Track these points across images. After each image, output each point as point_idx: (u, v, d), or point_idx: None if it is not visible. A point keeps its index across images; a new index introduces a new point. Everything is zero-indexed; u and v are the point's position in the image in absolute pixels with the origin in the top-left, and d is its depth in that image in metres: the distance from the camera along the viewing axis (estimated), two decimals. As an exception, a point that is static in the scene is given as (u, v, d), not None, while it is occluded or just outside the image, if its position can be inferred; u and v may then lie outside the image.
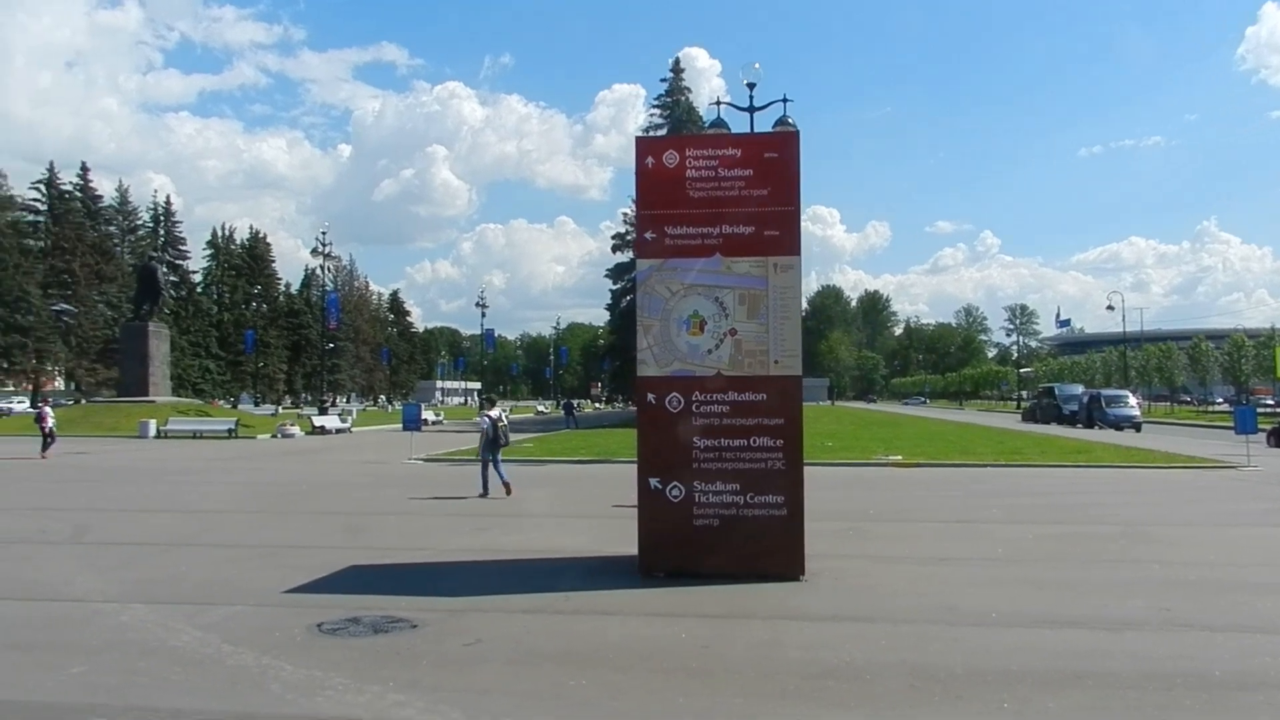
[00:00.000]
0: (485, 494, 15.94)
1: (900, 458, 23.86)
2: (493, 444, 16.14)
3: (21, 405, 74.25)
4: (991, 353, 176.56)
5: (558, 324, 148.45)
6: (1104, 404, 45.91)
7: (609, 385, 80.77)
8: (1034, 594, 8.33)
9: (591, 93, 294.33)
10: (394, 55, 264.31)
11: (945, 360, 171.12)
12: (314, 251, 58.60)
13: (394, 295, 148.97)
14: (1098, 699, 5.39)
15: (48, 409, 28.49)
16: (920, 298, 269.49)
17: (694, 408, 8.73)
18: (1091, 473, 21.09)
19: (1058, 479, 19.56)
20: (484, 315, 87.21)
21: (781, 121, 24.74)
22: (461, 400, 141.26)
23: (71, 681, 5.67)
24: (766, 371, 8.64)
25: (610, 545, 10.78)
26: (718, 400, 8.69)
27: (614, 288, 59.75)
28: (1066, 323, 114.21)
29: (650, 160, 9.02)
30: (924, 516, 13.81)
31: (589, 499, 16.30)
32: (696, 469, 8.73)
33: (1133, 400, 47.08)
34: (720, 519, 8.68)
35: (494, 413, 16.75)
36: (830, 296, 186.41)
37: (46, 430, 27.10)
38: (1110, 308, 76.12)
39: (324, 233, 57.31)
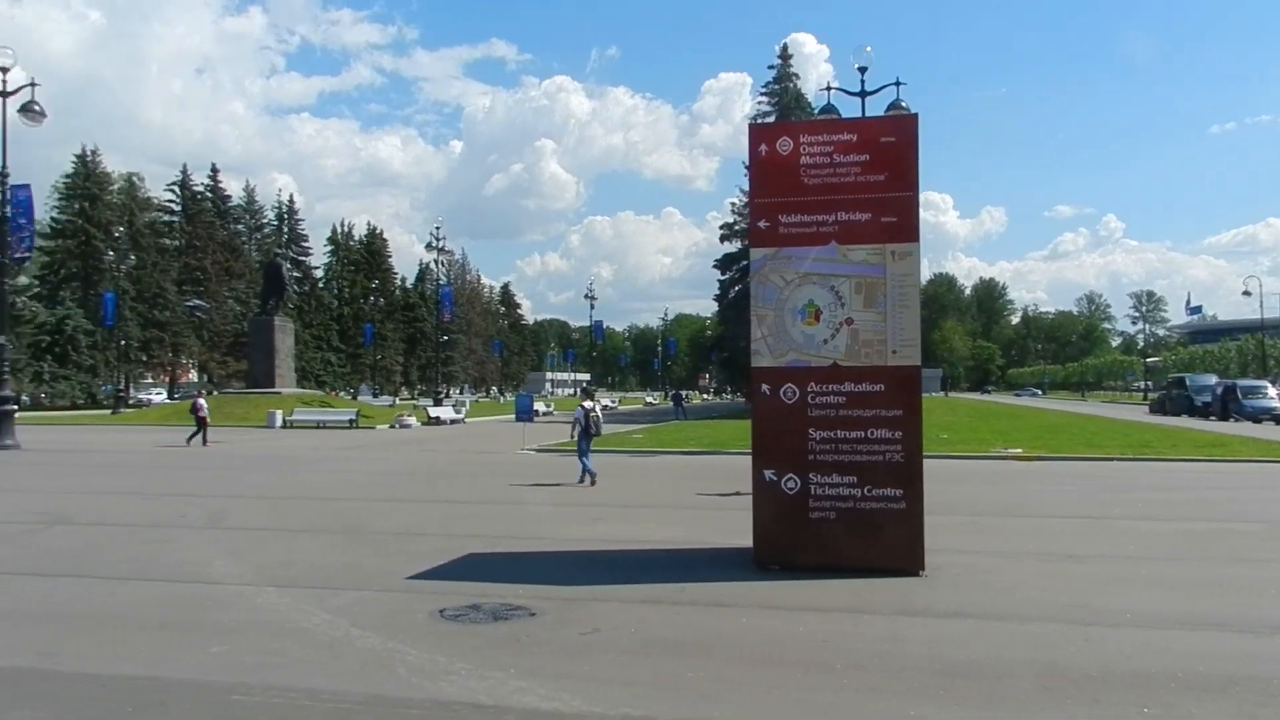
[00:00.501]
0: (584, 480, 16.58)
1: (1020, 451, 23.10)
2: (585, 433, 16.89)
3: (159, 396, 78.49)
4: (1115, 342, 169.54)
5: (665, 315, 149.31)
6: (1240, 395, 43.48)
7: (717, 376, 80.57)
8: (1170, 593, 7.95)
9: (698, 82, 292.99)
10: (503, 51, 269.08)
11: (1065, 350, 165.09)
12: (428, 246, 60.25)
13: (505, 288, 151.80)
14: (1247, 707, 5.09)
15: (202, 400, 30.16)
16: (1038, 285, 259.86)
17: (809, 399, 8.60)
18: (1228, 467, 20.03)
19: (1191, 474, 18.64)
20: (592, 307, 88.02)
21: (894, 106, 24.19)
22: (571, 392, 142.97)
23: (214, 660, 5.93)
24: (884, 362, 8.45)
25: (723, 537, 10.75)
26: (834, 391, 8.55)
27: (722, 278, 59.56)
28: (1198, 309, 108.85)
29: (763, 148, 8.91)
30: (1048, 511, 13.34)
31: (699, 489, 16.26)
32: (812, 461, 8.60)
33: (1272, 391, 44.39)
34: (837, 512, 8.54)
35: (588, 404, 17.49)
36: (943, 285, 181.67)
37: (201, 419, 28.65)
38: (1247, 293, 72.17)
39: (438, 227, 58.91)
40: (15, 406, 29.84)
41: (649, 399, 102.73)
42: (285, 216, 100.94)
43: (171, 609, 7.40)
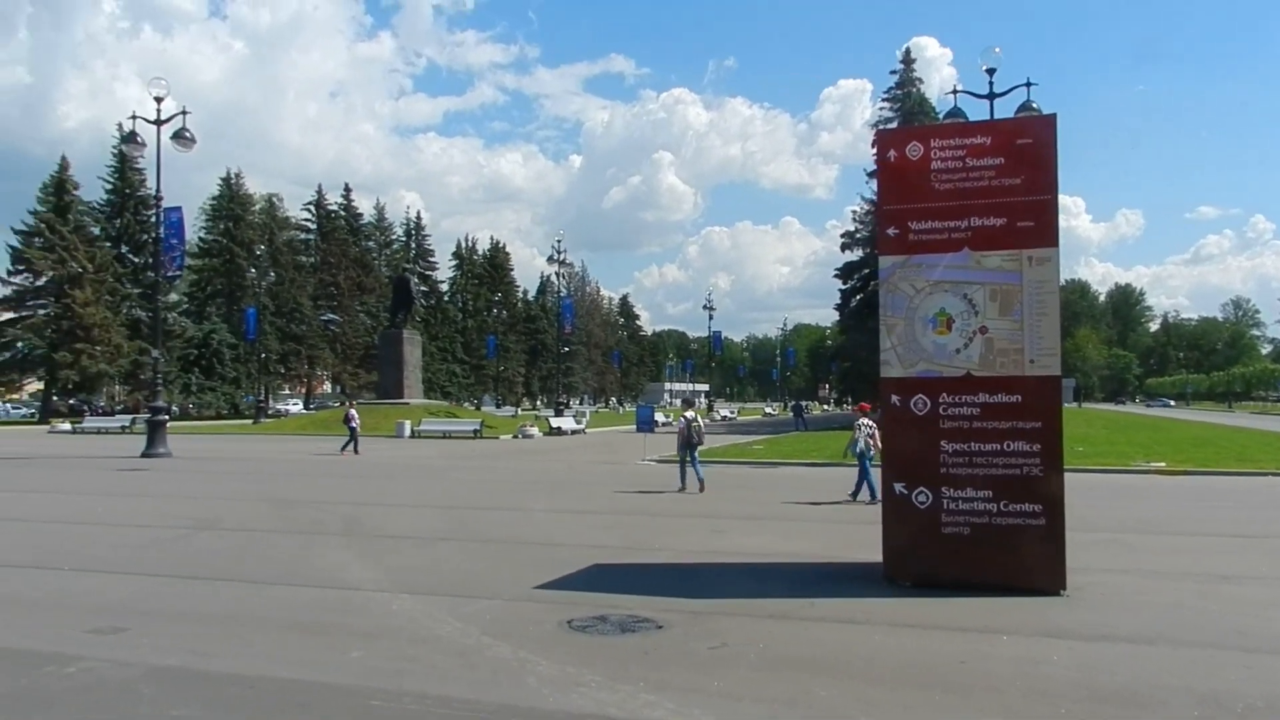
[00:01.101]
0: (683, 489, 17.13)
1: (1164, 465, 21.93)
2: (687, 443, 17.37)
3: (296, 407, 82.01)
4: (1266, 349, 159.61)
5: (784, 325, 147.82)
6: None
7: (838, 386, 79.22)
8: (1343, 621, 7.38)
9: (816, 90, 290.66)
10: (622, 66, 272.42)
11: (1210, 359, 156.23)
12: (549, 259, 61.10)
13: (624, 299, 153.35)
14: None
15: (354, 411, 31.51)
16: (1179, 290, 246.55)
17: (941, 410, 8.34)
18: (1401, 484, 18.56)
19: (1359, 490, 17.33)
20: (711, 318, 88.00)
21: (1024, 107, 23.37)
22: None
23: (352, 665, 6.10)
24: (1021, 371, 8.13)
25: (851, 551, 10.54)
26: (968, 402, 8.26)
27: (843, 287, 58.58)
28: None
29: (892, 154, 8.70)
30: (1197, 529, 12.61)
31: (829, 504, 15.99)
32: (945, 474, 8.33)
33: None
34: (971, 527, 8.25)
35: (689, 414, 17.96)
36: (1076, 291, 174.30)
37: (353, 429, 29.95)
38: None
39: (559, 241, 59.68)
40: (168, 417, 31.62)
41: (768, 409, 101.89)
42: (413, 233, 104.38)
43: (312, 613, 7.66)
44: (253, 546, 11.42)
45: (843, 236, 59.18)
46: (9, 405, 75.56)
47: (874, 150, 54.93)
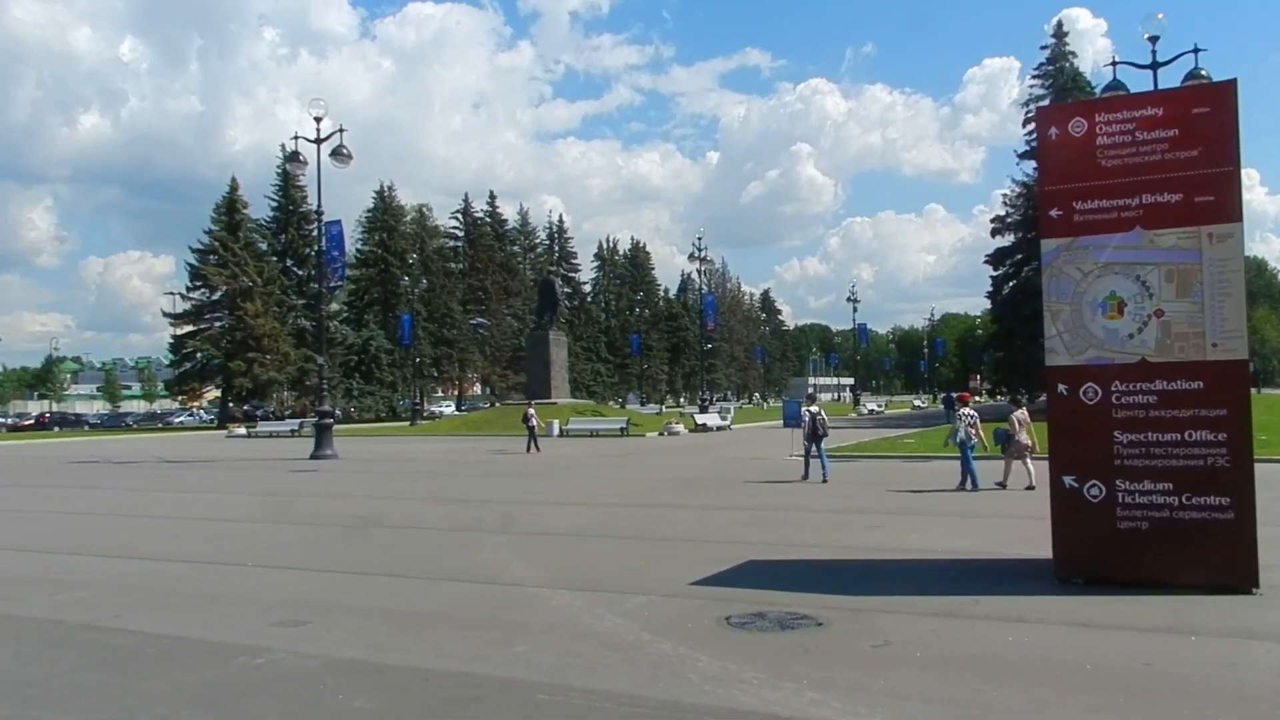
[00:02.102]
0: (805, 478, 18.15)
1: (1363, 453, 20.19)
2: (812, 435, 18.31)
3: (449, 409, 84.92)
4: None
5: (931, 315, 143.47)
6: None
7: (990, 377, 76.38)
8: None
9: (959, 72, 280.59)
10: (757, 59, 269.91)
11: None
12: (690, 256, 61.38)
13: (765, 295, 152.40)
14: None
15: (532, 410, 32.75)
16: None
17: (1114, 399, 7.90)
18: None
19: None
20: (855, 310, 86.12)
21: (1193, 75, 21.89)
22: (834, 396, 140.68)
23: (518, 659, 6.25)
24: (1203, 356, 7.61)
25: (1016, 546, 10.15)
26: (1143, 390, 7.80)
27: (994, 274, 56.38)
28: None
29: (1053, 131, 8.30)
30: None
31: (984, 497, 15.44)
32: (1119, 466, 7.89)
33: None
34: (1150, 522, 7.79)
35: (813, 408, 19.01)
36: (1252, 269, 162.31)
37: (532, 428, 31.21)
38: None
39: (699, 238, 59.79)
40: (333, 420, 33.25)
41: (917, 402, 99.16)
42: (555, 236, 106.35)
43: (478, 608, 7.89)
44: (418, 543, 11.87)
45: (992, 221, 56.97)
46: (193, 411, 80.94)
47: (1024, 131, 52.84)
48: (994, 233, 56.52)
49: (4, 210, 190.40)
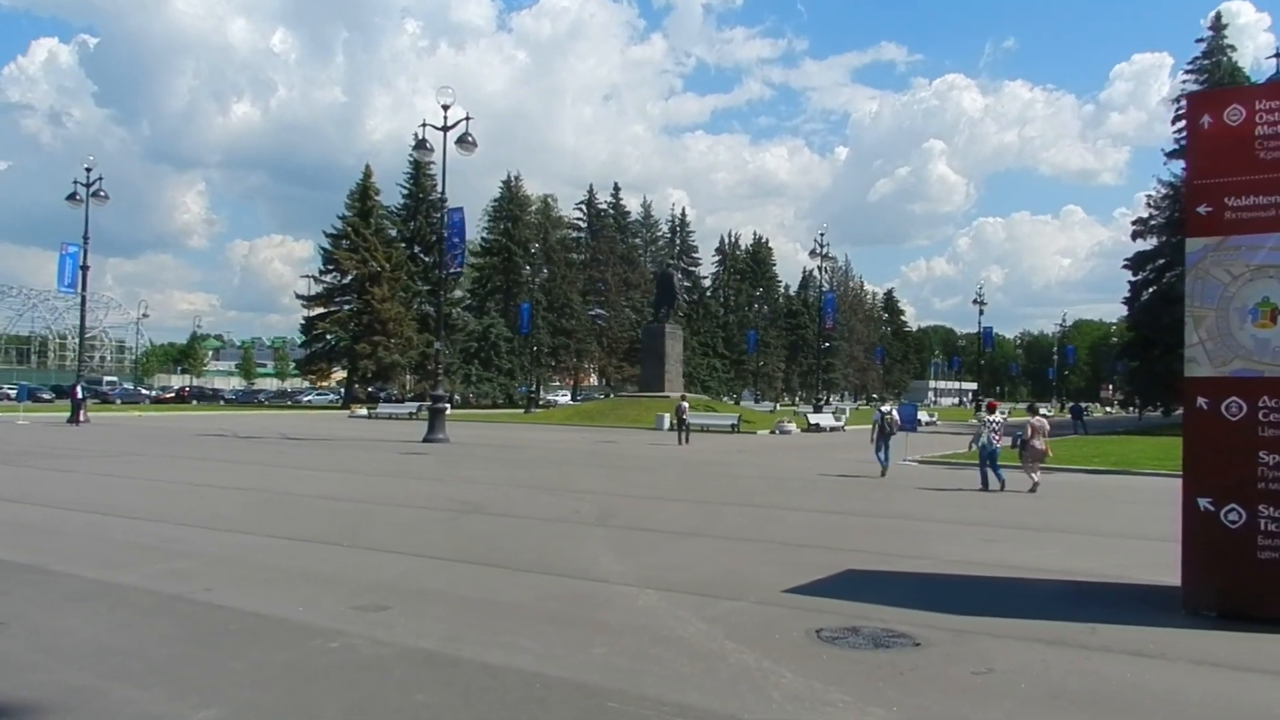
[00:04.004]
0: (884, 473, 20.07)
1: None
2: (882, 433, 20.64)
3: (564, 398, 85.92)
4: None
5: (1063, 321, 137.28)
6: None
7: (1124, 386, 72.78)
8: None
9: (1105, 68, 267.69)
10: (893, 54, 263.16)
11: None
12: (812, 253, 60.08)
13: (888, 294, 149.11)
14: None
15: (685, 403, 33.83)
16: None
17: (1261, 415, 7.14)
18: None
19: None
20: (981, 313, 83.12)
21: (1366, 67, 20.11)
22: (955, 401, 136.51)
23: (594, 662, 6.00)
24: (1369, 372, 6.80)
25: (1139, 570, 9.41)
26: (1295, 408, 7.02)
27: (1133, 279, 53.66)
28: None
29: (1205, 119, 7.54)
30: None
31: (1109, 515, 14.50)
32: (1263, 490, 7.13)
33: None
34: (1296, 554, 7.02)
35: (885, 408, 22.21)
36: None
37: (682, 420, 32.39)
38: None
39: (821, 234, 58.50)
40: (448, 405, 33.86)
41: (1043, 410, 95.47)
42: (677, 229, 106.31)
43: (561, 604, 7.68)
44: (512, 532, 11.79)
45: (1134, 224, 54.20)
46: (322, 391, 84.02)
47: (1174, 129, 49.94)
48: (1135, 236, 53.76)
49: (161, 194, 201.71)
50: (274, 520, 12.49)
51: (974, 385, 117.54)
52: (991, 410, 18.82)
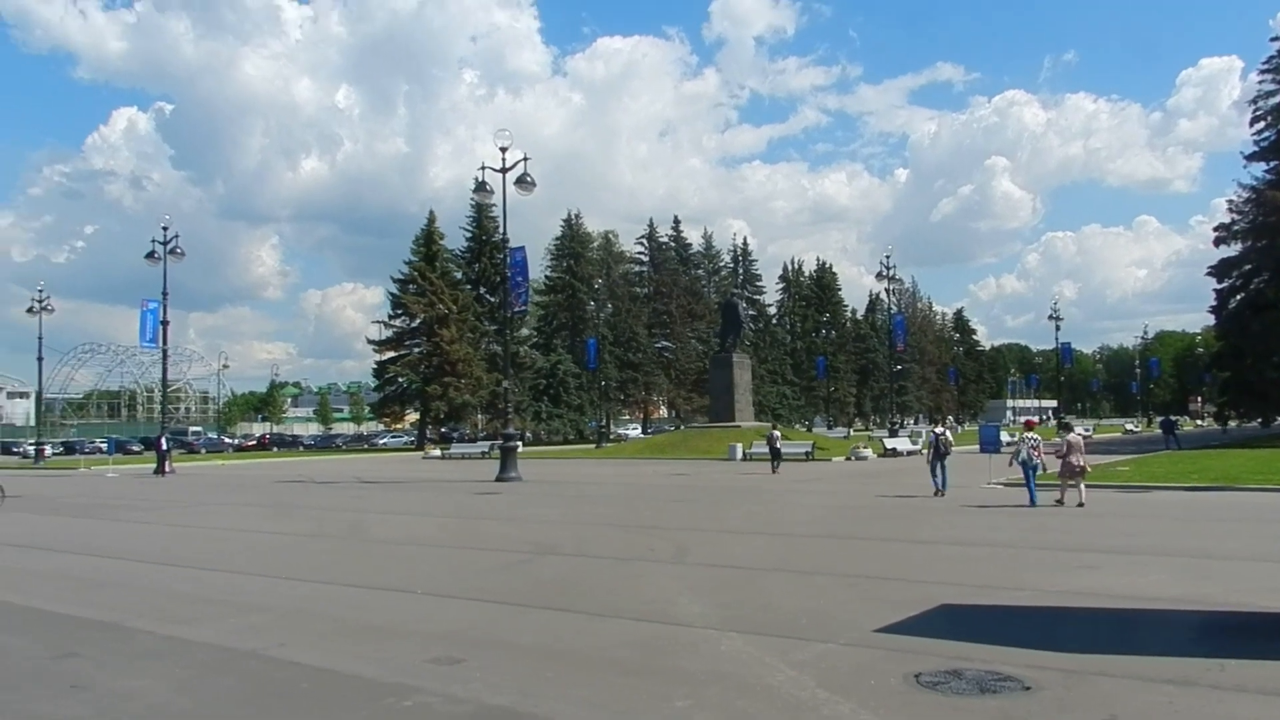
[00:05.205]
0: (938, 492, 20.41)
1: None
2: (937, 453, 20.89)
3: (634, 431, 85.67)
4: None
5: (1144, 333, 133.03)
6: None
7: (1215, 398, 69.99)
8: None
9: (1171, 75, 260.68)
10: (950, 74, 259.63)
11: None
12: (878, 276, 59.00)
13: (958, 314, 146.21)
14: None
15: (777, 432, 34.37)
16: None
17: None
18: None
19: None
20: (1058, 328, 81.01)
21: None
22: (1035, 419, 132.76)
23: (676, 717, 5.63)
24: None
25: (1262, 596, 8.80)
26: None
27: (1218, 287, 51.56)
28: None
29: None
30: None
31: (1217, 534, 13.67)
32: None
33: None
34: None
35: (939, 429, 22.57)
36: None
37: (775, 449, 32.82)
38: None
39: (887, 257, 57.51)
40: (519, 443, 33.79)
41: (1129, 426, 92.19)
42: (739, 259, 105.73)
43: (640, 652, 7.31)
44: (586, 574, 11.46)
45: (1216, 230, 52.09)
46: (396, 433, 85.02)
47: (1252, 131, 48.21)
48: (1218, 242, 51.74)
49: (237, 249, 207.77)
50: (347, 568, 12.36)
51: (1054, 403, 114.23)
52: (1029, 428, 20.25)
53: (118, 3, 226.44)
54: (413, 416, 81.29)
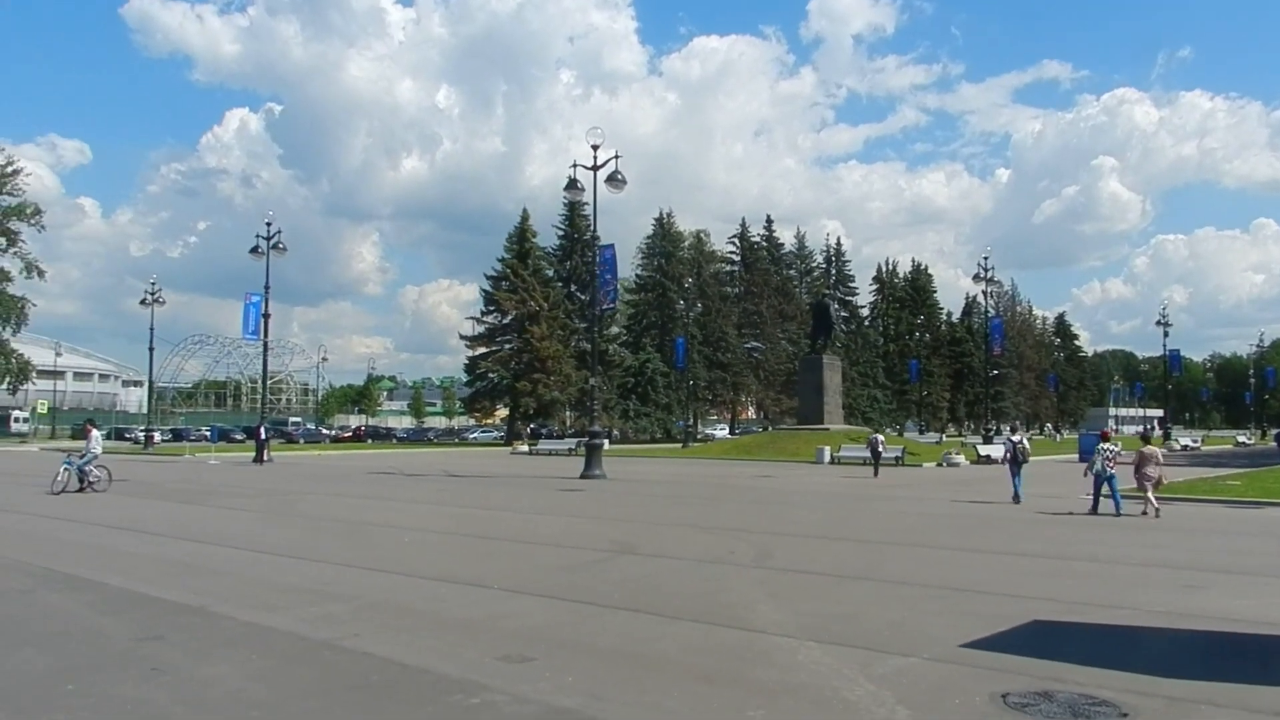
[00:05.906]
0: (1016, 499, 20.94)
1: None
2: (1014, 461, 21.36)
3: (722, 431, 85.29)
4: None
5: (1260, 341, 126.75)
6: None
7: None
8: None
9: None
10: (1056, 71, 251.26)
11: None
12: (975, 278, 57.57)
13: (1060, 319, 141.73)
14: None
15: (880, 436, 35.60)
16: None
17: None
18: None
19: None
20: (1166, 335, 77.77)
21: None
22: (1138, 429, 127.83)
23: (747, 727, 5.46)
24: None
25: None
26: None
27: (1343, 293, 48.79)
28: None
29: None
30: None
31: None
32: None
33: None
34: None
35: (1015, 437, 22.68)
36: None
37: (877, 453, 33.84)
38: None
39: (985, 259, 56.02)
40: (605, 441, 33.87)
41: (1241, 438, 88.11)
42: (833, 259, 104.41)
43: (714, 658, 7.13)
44: (666, 575, 11.32)
45: (1341, 232, 49.33)
46: (487, 428, 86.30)
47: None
48: (1343, 245, 48.94)
49: (339, 245, 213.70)
50: (428, 560, 12.48)
51: (1159, 412, 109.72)
52: (1105, 439, 19.73)
53: (232, 7, 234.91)
54: (503, 412, 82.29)
